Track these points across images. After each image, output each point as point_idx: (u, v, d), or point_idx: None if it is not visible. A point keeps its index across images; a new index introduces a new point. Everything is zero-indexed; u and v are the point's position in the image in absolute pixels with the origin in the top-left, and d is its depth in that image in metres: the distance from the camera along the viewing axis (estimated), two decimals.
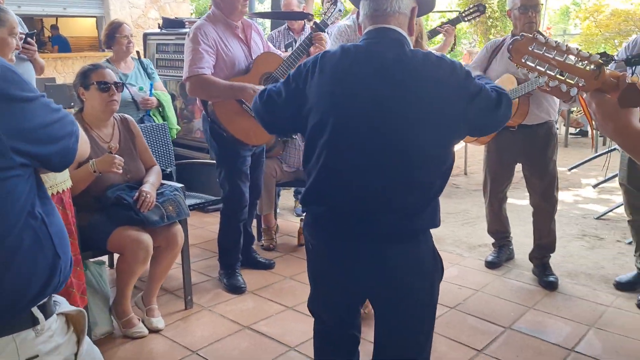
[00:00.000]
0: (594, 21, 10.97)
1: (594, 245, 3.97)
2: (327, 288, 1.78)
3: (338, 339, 1.86)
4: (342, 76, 1.58)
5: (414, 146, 1.55)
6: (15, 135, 1.08)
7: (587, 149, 7.44)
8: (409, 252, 1.62)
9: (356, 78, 1.56)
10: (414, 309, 1.68)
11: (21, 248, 1.12)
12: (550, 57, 1.27)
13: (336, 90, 1.58)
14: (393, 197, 1.57)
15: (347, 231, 1.61)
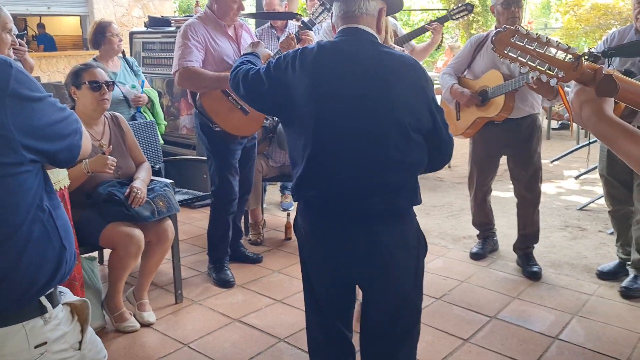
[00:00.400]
0: (575, 15, 11.12)
1: (576, 235, 4.06)
2: (321, 270, 1.85)
3: (333, 330, 1.91)
4: (322, 70, 1.69)
5: (393, 131, 1.66)
6: (26, 133, 1.13)
7: (569, 141, 7.57)
8: (396, 230, 1.73)
9: (335, 72, 1.69)
10: (403, 283, 1.79)
11: (31, 239, 1.18)
12: (531, 49, 1.32)
13: (316, 83, 1.68)
14: (377, 179, 1.68)
15: (338, 212, 1.71)
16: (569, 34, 11.57)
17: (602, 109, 1.23)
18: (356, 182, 1.68)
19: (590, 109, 1.25)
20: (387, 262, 1.74)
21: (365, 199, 1.68)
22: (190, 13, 9.66)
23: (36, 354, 1.19)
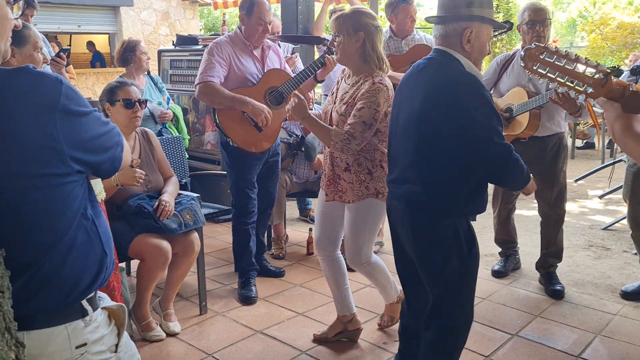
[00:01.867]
0: (601, 34, 11.06)
1: (600, 255, 4.02)
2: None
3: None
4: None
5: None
6: (74, 146, 1.20)
7: (594, 160, 7.50)
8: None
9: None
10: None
11: (75, 245, 1.25)
12: (560, 65, 1.36)
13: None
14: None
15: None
16: (594, 52, 11.50)
17: (630, 125, 1.27)
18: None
19: (619, 125, 1.28)
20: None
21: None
22: (216, 32, 9.86)
23: (77, 354, 1.25)
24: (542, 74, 1.40)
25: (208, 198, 4.02)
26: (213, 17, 17.72)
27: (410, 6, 3.82)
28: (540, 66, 1.40)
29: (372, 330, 2.90)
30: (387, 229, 4.43)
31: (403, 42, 3.86)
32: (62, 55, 3.10)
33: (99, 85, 8.97)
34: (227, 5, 8.90)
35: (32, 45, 2.27)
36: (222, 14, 7.63)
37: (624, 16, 11.55)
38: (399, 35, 3.87)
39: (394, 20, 3.85)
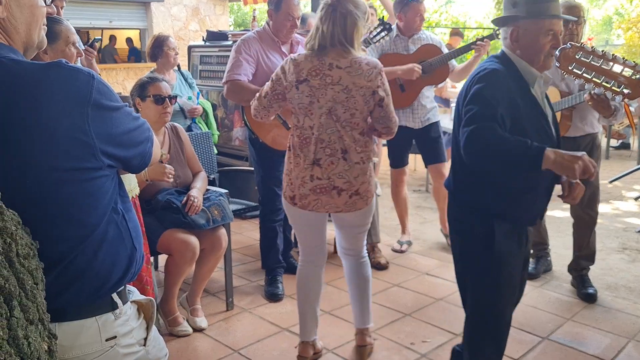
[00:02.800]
0: (638, 32, 10.76)
1: (635, 258, 3.91)
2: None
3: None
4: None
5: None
6: (105, 140, 1.21)
7: (629, 161, 7.30)
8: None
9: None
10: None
11: (106, 239, 1.26)
12: (596, 66, 1.32)
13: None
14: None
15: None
16: (631, 51, 11.19)
17: None
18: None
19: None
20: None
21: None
22: (246, 27, 9.91)
23: (107, 346, 1.27)
24: (577, 74, 1.36)
25: (236, 194, 4.03)
26: (243, 13, 17.82)
27: (421, 5, 3.76)
28: (576, 66, 1.36)
29: (399, 330, 2.87)
30: (413, 229, 4.40)
31: (410, 40, 3.81)
32: (95, 45, 3.14)
33: (129, 81, 9.09)
34: (257, 1, 8.92)
35: (64, 40, 2.27)
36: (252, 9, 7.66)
37: None
38: (405, 33, 3.81)
39: (403, 18, 3.79)
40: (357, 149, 2.32)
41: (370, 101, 2.28)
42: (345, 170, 2.31)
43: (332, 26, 2.24)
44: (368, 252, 3.76)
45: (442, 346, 2.72)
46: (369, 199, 2.40)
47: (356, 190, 2.34)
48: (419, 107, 3.85)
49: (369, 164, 2.39)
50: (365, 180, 2.36)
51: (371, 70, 2.27)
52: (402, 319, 2.99)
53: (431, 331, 2.87)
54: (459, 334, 2.82)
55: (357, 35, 2.28)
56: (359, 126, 2.31)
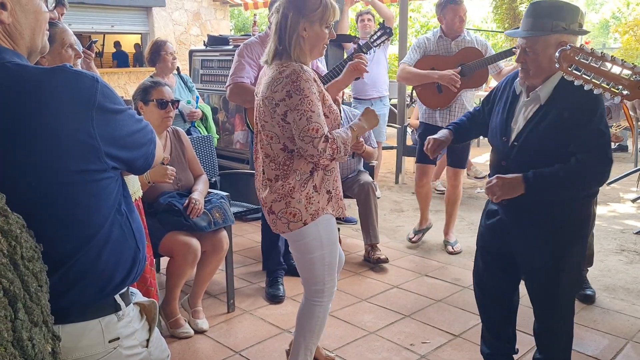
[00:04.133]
0: (634, 35, 10.80)
1: (632, 260, 3.93)
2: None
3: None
4: None
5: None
6: (109, 142, 1.24)
7: (627, 163, 7.32)
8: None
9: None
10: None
11: (110, 240, 1.28)
12: (596, 67, 1.34)
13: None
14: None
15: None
16: (628, 54, 11.24)
17: None
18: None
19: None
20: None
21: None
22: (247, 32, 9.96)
23: (110, 348, 1.28)
24: (577, 75, 1.39)
25: (237, 197, 4.06)
26: (243, 18, 17.88)
27: (459, 6, 3.79)
28: (575, 67, 1.39)
29: (399, 331, 2.90)
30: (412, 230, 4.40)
31: (452, 42, 3.85)
32: (93, 46, 3.16)
33: (130, 85, 9.14)
34: (257, 6, 8.98)
35: (60, 43, 2.24)
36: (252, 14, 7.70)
37: None
38: (448, 35, 3.85)
39: (443, 20, 3.85)
40: (271, 165, 2.06)
41: (274, 115, 1.99)
42: (263, 184, 2.13)
43: (275, 31, 2.01)
44: (367, 252, 3.84)
45: (441, 347, 2.74)
46: (291, 225, 2.05)
47: (270, 208, 2.08)
48: (457, 109, 3.90)
49: (296, 186, 2.04)
50: (277, 199, 2.05)
51: (279, 79, 1.95)
52: (402, 320, 3.02)
53: (431, 332, 2.89)
54: (459, 334, 2.85)
55: (300, 39, 1.98)
56: (273, 140, 2.04)
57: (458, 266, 3.79)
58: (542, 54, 1.93)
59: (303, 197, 2.04)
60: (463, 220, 4.84)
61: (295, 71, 1.93)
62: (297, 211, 2.04)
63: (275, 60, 2.02)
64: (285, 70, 1.95)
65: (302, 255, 2.15)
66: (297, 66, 1.95)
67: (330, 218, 2.13)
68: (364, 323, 2.97)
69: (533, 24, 1.95)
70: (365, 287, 3.48)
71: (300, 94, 1.92)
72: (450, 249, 4.08)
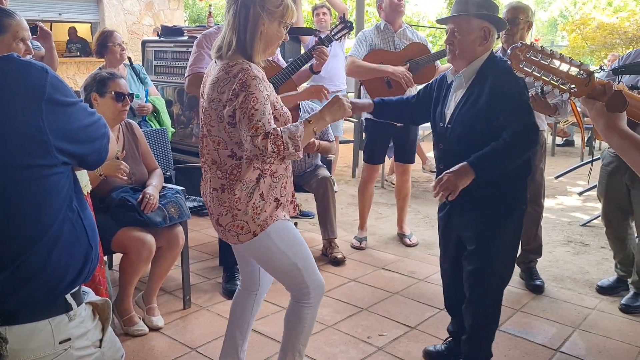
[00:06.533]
0: (581, 34, 11.21)
1: (579, 251, 4.10)
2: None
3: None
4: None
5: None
6: (59, 136, 1.19)
7: (574, 158, 7.62)
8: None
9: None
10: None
11: (61, 238, 1.24)
12: (545, 64, 1.39)
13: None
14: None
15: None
16: (575, 52, 11.65)
17: (615, 122, 1.30)
18: None
19: (604, 122, 1.32)
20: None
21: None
22: (202, 23, 9.78)
23: (60, 349, 1.24)
24: (527, 72, 1.42)
25: (192, 191, 3.98)
26: (198, 9, 17.56)
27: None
28: (526, 64, 1.42)
29: (356, 324, 2.92)
30: (369, 224, 4.45)
31: (395, 35, 3.88)
32: (39, 30, 3.04)
33: (80, 75, 8.83)
34: None
35: (12, 34, 2.17)
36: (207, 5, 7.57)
37: (603, 17, 11.70)
38: (390, 21, 3.87)
39: (382, 6, 3.88)
40: (217, 172, 1.93)
41: (221, 118, 1.86)
42: (210, 193, 1.99)
43: (232, 23, 1.88)
44: (325, 247, 3.85)
45: (398, 339, 2.78)
46: (241, 237, 1.95)
47: (217, 220, 1.97)
48: None
49: (242, 197, 1.91)
50: (222, 212, 1.93)
51: (227, 79, 1.83)
52: (359, 314, 3.05)
53: (388, 325, 2.93)
54: (415, 326, 2.90)
55: (261, 35, 1.87)
56: (220, 146, 1.90)
57: (414, 259, 3.86)
58: (466, 36, 2.16)
59: (250, 209, 1.92)
60: (419, 213, 4.93)
61: (244, 69, 1.81)
62: (244, 224, 1.93)
63: (229, 54, 1.87)
64: (233, 69, 1.83)
65: (266, 264, 2.09)
66: (245, 64, 1.84)
67: (282, 223, 2.00)
68: (321, 317, 2.97)
69: (459, 9, 2.19)
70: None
71: (245, 90, 1.79)
72: (408, 241, 4.14)
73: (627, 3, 16.03)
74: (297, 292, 2.12)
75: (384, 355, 2.63)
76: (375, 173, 4.17)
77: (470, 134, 2.16)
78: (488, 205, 2.23)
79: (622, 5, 16.41)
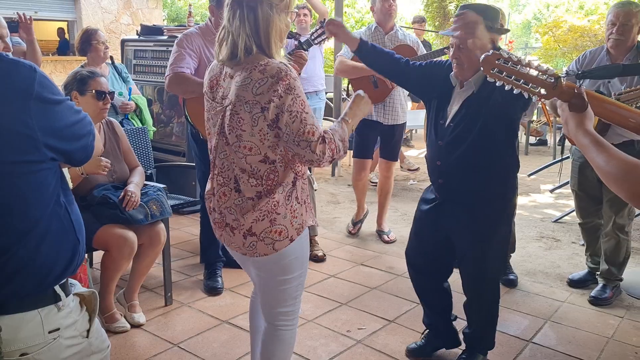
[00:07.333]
0: (553, 36, 11.45)
1: (550, 246, 4.23)
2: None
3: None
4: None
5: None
6: (48, 133, 1.23)
7: (546, 156, 7.79)
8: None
9: None
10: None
11: (49, 231, 1.27)
12: (515, 70, 1.47)
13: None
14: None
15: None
16: (547, 53, 11.91)
17: (582, 122, 1.39)
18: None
19: (572, 122, 1.41)
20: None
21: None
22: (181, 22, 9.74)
23: (50, 338, 1.28)
24: (499, 77, 1.51)
25: (173, 189, 4.02)
26: (177, 8, 17.46)
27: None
28: (497, 71, 1.51)
29: (336, 319, 2.99)
30: (349, 223, 4.51)
31: (386, 37, 3.95)
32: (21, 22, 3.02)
33: (56, 74, 8.73)
34: None
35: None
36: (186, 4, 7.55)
37: (574, 20, 11.98)
38: (381, 24, 3.94)
39: (374, 9, 3.94)
40: (251, 180, 1.78)
41: (259, 121, 1.71)
42: (236, 204, 1.81)
43: (242, 29, 1.75)
44: None
45: (376, 332, 2.86)
46: (277, 244, 1.81)
47: (250, 230, 1.80)
48: (390, 104, 4.01)
49: (281, 200, 1.80)
50: (259, 218, 1.78)
51: (263, 80, 1.69)
52: (339, 308, 3.11)
53: (366, 318, 3.00)
54: (393, 320, 2.98)
55: (275, 32, 1.78)
56: (252, 151, 1.76)
57: (392, 255, 3.94)
58: (473, 51, 2.18)
59: (288, 212, 1.81)
60: (397, 211, 5.01)
61: (282, 69, 1.70)
62: (283, 228, 1.80)
63: (245, 58, 1.75)
64: (267, 69, 1.70)
65: (280, 276, 1.89)
66: (280, 63, 1.72)
67: (306, 232, 1.91)
68: (302, 312, 3.03)
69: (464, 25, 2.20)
70: None
71: (292, 93, 1.69)
72: (386, 238, 4.23)
73: (597, 6, 16.46)
74: (279, 312, 1.95)
75: (363, 348, 2.70)
76: (366, 165, 4.26)
77: (473, 133, 2.22)
78: (481, 203, 2.30)
79: (593, 9, 16.84)
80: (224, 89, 1.82)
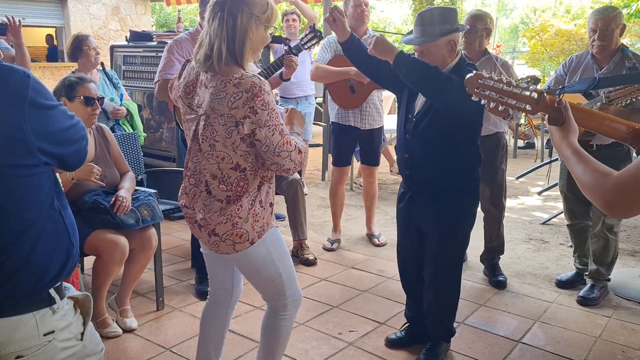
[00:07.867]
0: (540, 40, 11.57)
1: (539, 248, 4.27)
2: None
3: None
4: None
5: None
6: (42, 137, 1.24)
7: (534, 159, 7.87)
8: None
9: None
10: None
11: (43, 235, 1.29)
12: (499, 88, 1.52)
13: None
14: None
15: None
16: (535, 57, 12.02)
17: (566, 136, 1.43)
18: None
19: (557, 135, 1.45)
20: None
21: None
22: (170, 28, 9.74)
23: (45, 341, 1.29)
24: (483, 95, 1.55)
25: (164, 195, 4.01)
26: (165, 14, 17.44)
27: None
28: (481, 90, 1.55)
29: (328, 322, 3.01)
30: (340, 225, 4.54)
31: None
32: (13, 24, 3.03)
33: (45, 81, 8.69)
34: (180, 2, 8.82)
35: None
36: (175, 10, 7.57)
37: (561, 24, 12.10)
38: (354, 28, 3.92)
39: (346, 11, 3.90)
40: (221, 186, 1.85)
41: (232, 134, 1.78)
42: (206, 205, 1.90)
43: (219, 32, 1.78)
44: (296, 249, 3.92)
45: (367, 334, 2.88)
46: (237, 246, 1.90)
47: (213, 230, 1.89)
48: (367, 109, 4.01)
49: (246, 205, 1.88)
50: (223, 221, 1.86)
51: (238, 95, 1.73)
52: (330, 311, 3.13)
53: (358, 321, 3.02)
54: (384, 322, 3.00)
55: (250, 43, 1.80)
56: (224, 160, 1.83)
57: (382, 258, 3.97)
58: (435, 54, 2.36)
59: (250, 216, 1.89)
60: (387, 214, 5.05)
61: (255, 84, 1.74)
62: (243, 232, 1.89)
63: (222, 65, 1.79)
64: (242, 82, 1.74)
65: (254, 275, 2.04)
66: (254, 77, 1.76)
67: (275, 231, 2.01)
68: None
69: (423, 31, 2.35)
70: None
71: (267, 108, 1.75)
72: (377, 241, 4.25)
73: (584, 11, 16.66)
74: (275, 303, 2.11)
75: (355, 350, 2.72)
76: (344, 175, 4.26)
77: (435, 124, 2.39)
78: (447, 197, 2.46)
79: (580, 13, 17.05)
80: (199, 97, 1.87)
